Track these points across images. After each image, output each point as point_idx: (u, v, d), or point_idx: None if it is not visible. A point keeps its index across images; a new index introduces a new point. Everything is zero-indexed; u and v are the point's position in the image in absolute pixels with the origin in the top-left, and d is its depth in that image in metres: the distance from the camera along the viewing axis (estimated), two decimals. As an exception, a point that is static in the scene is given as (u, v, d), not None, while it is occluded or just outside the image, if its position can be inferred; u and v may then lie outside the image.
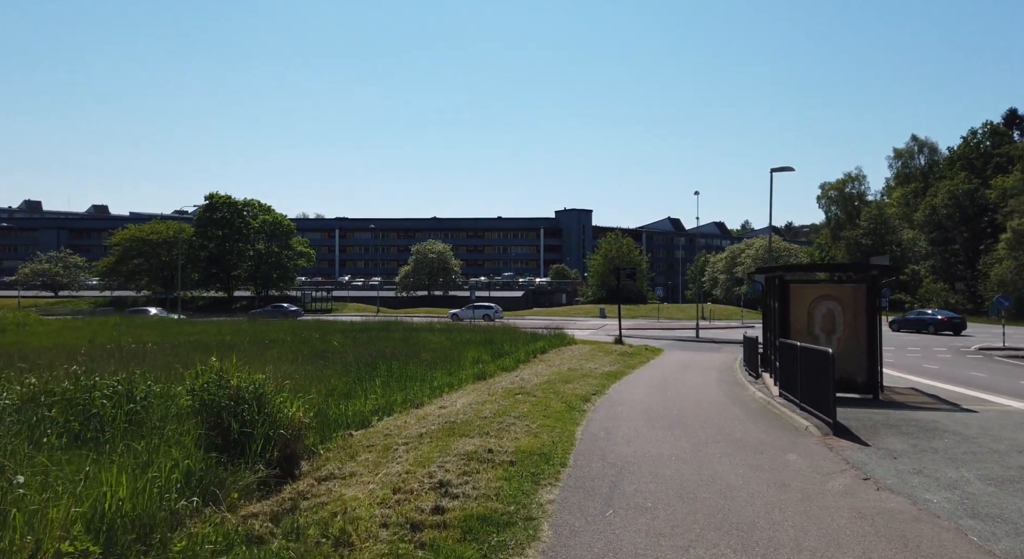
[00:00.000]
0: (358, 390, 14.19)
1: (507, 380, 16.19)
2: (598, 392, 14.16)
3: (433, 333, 31.36)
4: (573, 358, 23.36)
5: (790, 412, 11.14)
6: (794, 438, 9.07)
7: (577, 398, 12.65)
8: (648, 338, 38.31)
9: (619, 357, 24.40)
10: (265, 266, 74.61)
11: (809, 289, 12.94)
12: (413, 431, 9.03)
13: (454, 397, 13.42)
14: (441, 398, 13.75)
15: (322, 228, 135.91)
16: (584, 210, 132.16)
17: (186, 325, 34.11)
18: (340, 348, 24.69)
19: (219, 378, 7.92)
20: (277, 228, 75.21)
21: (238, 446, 7.49)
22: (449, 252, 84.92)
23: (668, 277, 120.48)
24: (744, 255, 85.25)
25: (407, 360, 20.31)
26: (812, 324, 12.94)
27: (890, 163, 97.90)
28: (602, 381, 16.43)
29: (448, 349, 24.86)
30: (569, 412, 10.94)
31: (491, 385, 14.89)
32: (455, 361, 21.25)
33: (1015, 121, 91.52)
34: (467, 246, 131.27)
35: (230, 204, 73.98)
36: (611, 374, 18.50)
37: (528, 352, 24.35)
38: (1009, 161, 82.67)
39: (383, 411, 11.89)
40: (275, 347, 23.58)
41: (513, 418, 9.64)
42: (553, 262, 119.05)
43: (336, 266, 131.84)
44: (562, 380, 15.56)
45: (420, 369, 18.38)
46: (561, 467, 7.04)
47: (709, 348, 33.21)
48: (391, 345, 26.71)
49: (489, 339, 27.65)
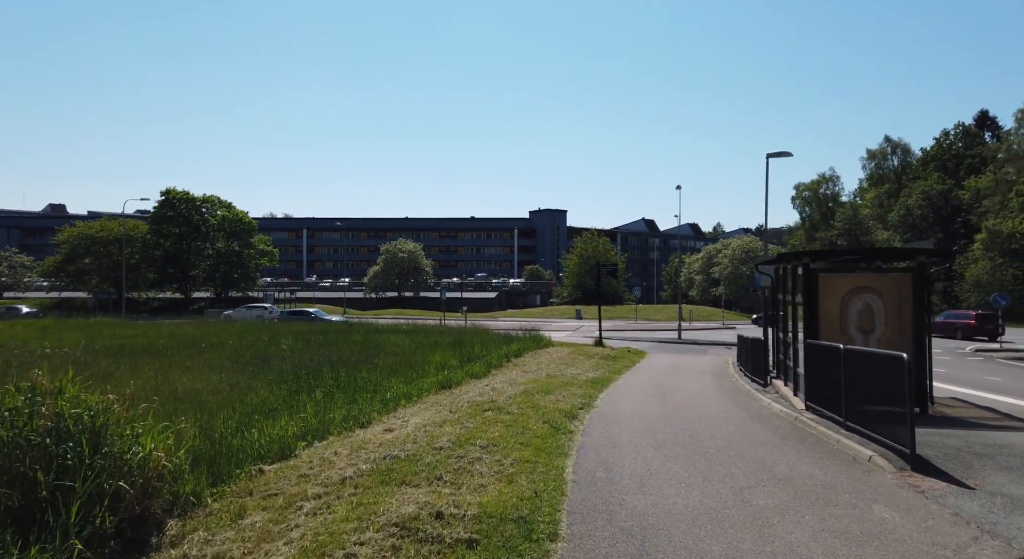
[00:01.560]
0: (293, 405, 11.52)
1: (476, 390, 13.62)
2: (585, 405, 11.68)
3: (397, 335, 28.66)
4: (551, 362, 20.88)
5: (831, 433, 8.78)
6: (862, 476, 6.67)
7: (561, 414, 10.14)
8: (628, 340, 36.04)
9: (602, 361, 21.99)
10: (225, 265, 70.85)
11: (842, 279, 10.65)
12: (337, 471, 6.43)
13: (408, 414, 10.82)
14: (393, 414, 11.14)
15: (289, 228, 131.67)
16: (558, 210, 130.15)
17: (123, 327, 30.86)
18: (288, 352, 21.89)
19: (30, 403, 5.23)
20: (238, 225, 71.49)
21: (51, 509, 4.83)
22: (420, 252, 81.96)
23: (643, 278, 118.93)
24: (721, 255, 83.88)
25: (361, 366, 17.64)
26: (845, 321, 10.65)
27: (864, 164, 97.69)
28: (588, 390, 13.96)
29: (411, 353, 22.24)
30: (553, 436, 8.42)
31: (455, 398, 12.31)
32: (418, 367, 18.67)
33: (986, 122, 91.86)
34: (439, 247, 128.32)
35: (187, 200, 70.06)
36: (596, 381, 16.06)
37: (501, 356, 21.82)
38: (982, 162, 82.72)
39: (315, 434, 9.25)
40: (213, 351, 20.70)
41: (479, 449, 7.10)
42: (527, 263, 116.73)
43: (304, 267, 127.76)
44: (541, 390, 13.05)
45: (375, 376, 15.74)
46: (550, 543, 4.50)
47: (694, 350, 31.06)
48: (349, 348, 23.97)
49: (459, 341, 25.05)
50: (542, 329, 40.68)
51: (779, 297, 14.62)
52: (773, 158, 22.60)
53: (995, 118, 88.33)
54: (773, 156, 22.64)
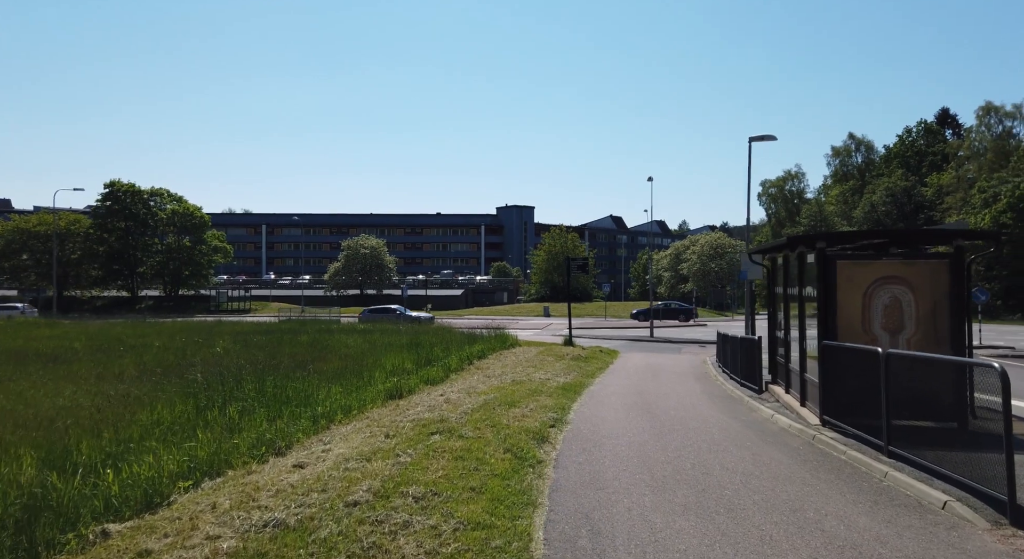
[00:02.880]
0: (198, 424, 9.26)
1: (428, 401, 11.49)
2: (558, 421, 9.64)
3: (351, 335, 26.33)
4: (518, 364, 18.86)
5: (871, 461, 6.92)
6: (947, 535, 4.75)
7: (528, 435, 8.09)
8: (599, 338, 34.26)
9: (573, 362, 20.03)
10: (175, 262, 67.17)
11: (865, 268, 8.83)
12: (193, 549, 4.25)
13: (339, 436, 8.64)
14: (320, 436, 8.96)
15: (248, 224, 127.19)
16: (526, 207, 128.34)
17: (42, 327, 27.80)
18: (223, 355, 19.43)
19: None
20: (189, 220, 67.78)
21: None
22: (383, 248, 79.13)
23: (611, 275, 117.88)
24: (689, 252, 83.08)
25: (299, 372, 15.36)
26: (869, 319, 8.83)
27: (828, 161, 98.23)
28: (559, 399, 11.95)
29: (363, 355, 20.00)
30: (517, 472, 6.36)
31: (401, 413, 10.17)
32: (368, 371, 16.48)
33: (947, 120, 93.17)
34: (405, 243, 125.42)
35: (134, 193, 66.14)
36: (569, 387, 14.06)
37: (462, 358, 19.72)
38: (944, 159, 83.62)
39: (208, 468, 7.05)
40: (130, 356, 18.13)
41: (410, 503, 5.01)
42: (494, 260, 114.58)
43: (263, 264, 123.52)
44: (504, 400, 10.99)
45: (312, 385, 13.50)
46: None
47: (668, 349, 29.39)
48: (294, 349, 21.60)
49: (416, 342, 22.87)
50: (509, 327, 38.59)
51: (776, 291, 12.82)
52: (756, 142, 20.99)
53: (955, 116, 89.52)
54: (756, 140, 21.01)
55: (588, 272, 35.89)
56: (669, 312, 49.38)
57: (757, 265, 17.70)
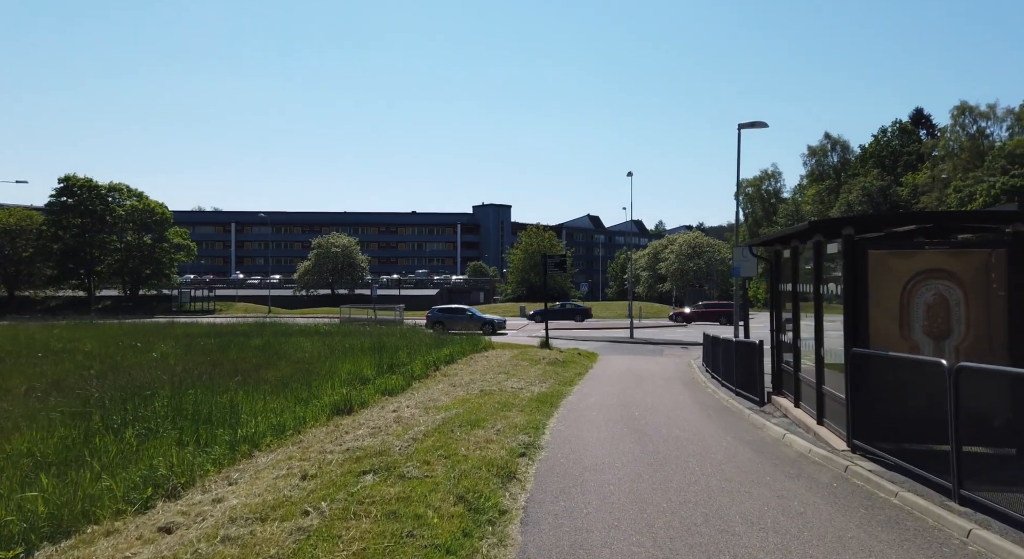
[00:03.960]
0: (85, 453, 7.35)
1: (376, 419, 9.66)
2: (529, 446, 7.88)
3: (310, 337, 24.31)
4: (489, 370, 17.08)
5: (940, 510, 5.26)
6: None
7: (491, 471, 6.33)
8: (577, 340, 32.62)
9: (549, 367, 18.31)
10: (134, 260, 64.03)
11: (903, 260, 7.22)
12: None
13: (247, 474, 6.78)
14: (227, 473, 7.09)
15: (217, 222, 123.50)
16: (503, 206, 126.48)
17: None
18: (158, 361, 17.37)
19: None
20: (149, 217, 64.69)
21: None
22: (355, 246, 76.61)
23: (588, 275, 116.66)
24: (667, 251, 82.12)
25: (233, 381, 13.44)
26: (908, 321, 7.24)
27: (804, 160, 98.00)
28: (532, 415, 10.19)
29: (318, 360, 18.09)
30: (470, 537, 4.59)
31: (339, 437, 8.32)
32: (319, 380, 14.63)
33: (921, 120, 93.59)
34: (379, 242, 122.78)
35: (90, 188, 62.90)
36: (544, 398, 12.32)
37: (429, 363, 17.90)
38: (919, 159, 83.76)
39: (48, 530, 5.17)
40: (46, 362, 15.99)
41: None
42: (471, 259, 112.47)
43: (232, 263, 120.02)
44: (467, 418, 9.20)
45: (244, 398, 11.61)
46: None
47: (649, 350, 27.84)
48: (242, 354, 19.57)
49: (380, 345, 20.98)
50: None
51: (781, 288, 11.21)
52: (745, 128, 19.49)
53: (929, 116, 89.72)
54: (745, 127, 19.51)
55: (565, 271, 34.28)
56: (565, 313, 49.50)
57: (751, 260, 16.15)
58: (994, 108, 73.17)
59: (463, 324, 35.58)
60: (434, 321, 35.49)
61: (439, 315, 36.49)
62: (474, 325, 35.72)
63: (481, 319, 36.44)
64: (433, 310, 37.50)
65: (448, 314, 36.91)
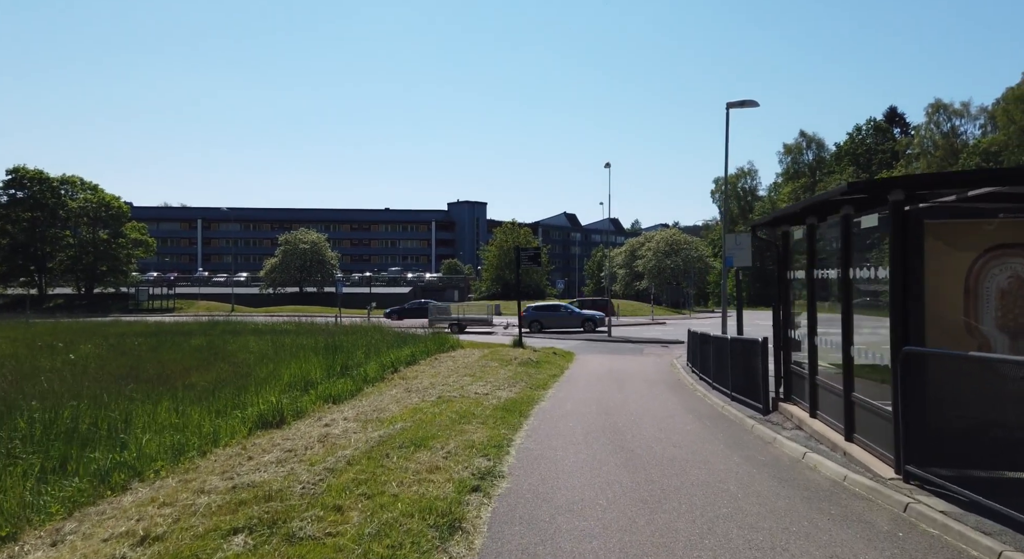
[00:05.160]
0: None
1: (297, 438, 7.76)
2: (486, 475, 6.05)
3: (260, 337, 22.21)
4: (453, 372, 15.24)
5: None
6: None
7: (426, 521, 4.51)
8: (552, 337, 30.93)
9: (521, 368, 16.52)
10: (88, 257, 60.88)
11: (969, 233, 5.58)
12: None
13: (88, 525, 4.85)
14: (82, 513, 5.16)
15: (183, 218, 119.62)
16: (478, 203, 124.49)
17: None
18: (74, 363, 15.23)
19: None
20: (105, 211, 61.57)
21: None
22: (324, 243, 74.06)
23: (564, 273, 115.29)
24: (644, 248, 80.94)
25: (152, 387, 11.44)
26: (976, 311, 5.60)
27: (780, 158, 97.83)
28: (495, 430, 8.36)
29: (261, 362, 16.09)
30: None
31: (239, 463, 6.41)
32: (256, 385, 12.69)
33: (895, 118, 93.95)
34: (352, 240, 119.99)
35: (41, 180, 59.66)
36: (512, 406, 10.52)
37: (386, 364, 15.99)
38: (894, 156, 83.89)
39: None
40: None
41: None
42: (446, 257, 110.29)
43: (199, 260, 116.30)
44: (413, 436, 7.36)
45: (153, 409, 9.64)
46: None
47: (628, 349, 26.22)
48: (175, 356, 17.46)
49: (335, 345, 18.99)
50: (452, 327, 35.08)
51: (790, 276, 9.52)
52: (734, 108, 17.92)
53: (903, 115, 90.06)
54: (734, 106, 17.95)
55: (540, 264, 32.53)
56: (418, 310, 48.06)
57: (745, 249, 14.53)
58: (968, 106, 73.31)
59: (560, 321, 34.18)
60: (530, 320, 34.06)
61: (535, 314, 35.12)
62: (573, 322, 34.13)
63: (581, 315, 34.80)
64: (528, 309, 35.83)
65: (544, 312, 35.65)
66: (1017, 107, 62.96)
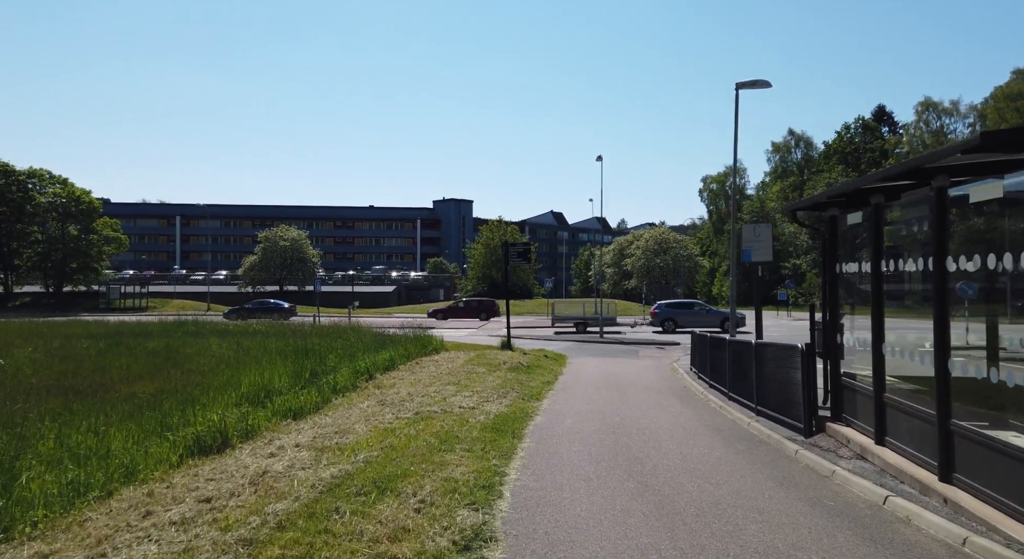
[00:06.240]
0: None
1: (227, 477, 6.02)
2: (473, 539, 4.37)
3: (224, 339, 20.33)
4: (435, 380, 13.52)
5: None
6: None
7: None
8: (541, 339, 29.29)
9: (511, 374, 14.86)
10: (57, 253, 58.34)
11: None
12: None
13: None
14: None
15: (161, 214, 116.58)
16: (464, 201, 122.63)
17: None
18: (3, 369, 13.34)
19: None
20: (75, 205, 59.01)
21: None
22: (305, 240, 71.86)
23: (552, 272, 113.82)
24: (633, 247, 79.65)
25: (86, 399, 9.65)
26: None
27: (768, 157, 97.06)
28: (483, 460, 6.67)
29: (221, 367, 14.29)
30: None
31: (135, 520, 4.68)
32: (208, 396, 10.92)
33: (883, 117, 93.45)
34: (335, 237, 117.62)
35: (7, 173, 57.00)
36: (503, 424, 8.84)
37: (360, 371, 14.23)
38: (882, 155, 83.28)
39: None
40: None
41: None
42: (431, 255, 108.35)
43: (177, 257, 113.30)
44: (377, 474, 5.67)
45: (62, 430, 7.87)
46: None
47: (622, 352, 24.66)
48: (124, 361, 15.60)
49: (305, 348, 17.20)
50: (439, 326, 33.16)
51: (845, 270, 7.90)
52: (744, 89, 16.39)
53: (891, 113, 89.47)
54: (744, 86, 16.43)
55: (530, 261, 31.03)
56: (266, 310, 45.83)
57: (765, 241, 12.95)
58: (957, 104, 72.70)
59: (696, 319, 31.56)
60: (663, 318, 32.37)
61: (668, 311, 33.05)
62: (711, 321, 31.29)
63: (719, 314, 31.93)
64: (660, 305, 33.79)
65: (678, 309, 33.38)
66: (1008, 105, 62.40)
